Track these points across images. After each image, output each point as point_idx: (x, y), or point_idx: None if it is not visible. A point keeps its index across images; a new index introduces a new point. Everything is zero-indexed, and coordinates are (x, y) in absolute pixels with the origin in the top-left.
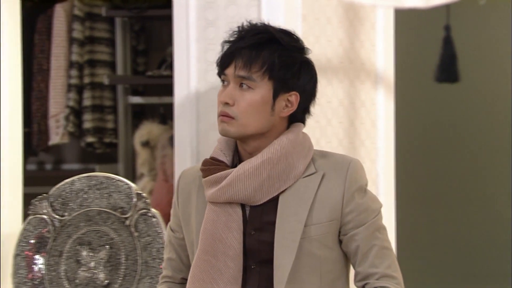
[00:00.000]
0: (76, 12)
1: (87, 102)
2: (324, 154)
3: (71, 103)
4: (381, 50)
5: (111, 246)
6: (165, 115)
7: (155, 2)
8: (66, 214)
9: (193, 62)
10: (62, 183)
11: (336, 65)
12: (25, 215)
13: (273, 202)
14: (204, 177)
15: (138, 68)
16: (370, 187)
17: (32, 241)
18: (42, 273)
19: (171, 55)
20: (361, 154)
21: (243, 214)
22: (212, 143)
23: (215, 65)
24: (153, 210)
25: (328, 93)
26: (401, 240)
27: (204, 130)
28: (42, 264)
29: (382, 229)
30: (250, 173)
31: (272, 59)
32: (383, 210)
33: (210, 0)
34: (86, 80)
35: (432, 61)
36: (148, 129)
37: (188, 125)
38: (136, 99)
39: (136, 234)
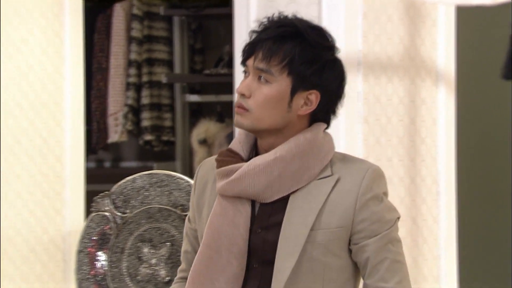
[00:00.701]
0: (135, 11)
1: (145, 100)
2: (344, 158)
3: (130, 102)
4: (442, 48)
5: (172, 243)
6: (222, 113)
7: (213, 1)
8: (127, 211)
9: None
10: (124, 180)
11: (396, 63)
12: (87, 212)
13: (283, 202)
14: (218, 168)
15: (195, 67)
16: (430, 185)
17: (94, 238)
18: (104, 270)
19: (228, 54)
20: (422, 152)
21: (252, 211)
22: None
23: None
24: None
25: (388, 91)
26: (462, 239)
27: None
28: (104, 260)
29: (396, 241)
30: (261, 169)
31: (293, 53)
32: (442, 209)
33: None
34: (145, 78)
35: (495, 59)
36: (205, 127)
37: None
38: (194, 97)
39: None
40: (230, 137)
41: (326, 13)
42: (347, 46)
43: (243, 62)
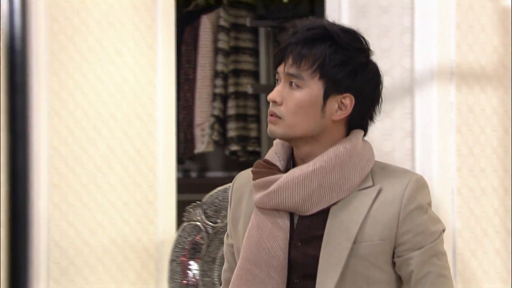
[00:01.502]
0: (222, 23)
1: (231, 111)
2: (385, 167)
3: (216, 112)
4: None
5: None
6: None
7: (299, 12)
8: (218, 221)
9: None
10: (215, 190)
11: (490, 72)
12: (178, 221)
13: (324, 214)
14: (254, 179)
15: None
16: None
17: (186, 247)
18: (196, 279)
19: None
20: None
21: (291, 223)
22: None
23: None
24: None
25: (481, 101)
26: None
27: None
28: (196, 269)
29: (441, 254)
30: (299, 181)
31: (323, 56)
32: None
33: (362, 9)
34: (231, 89)
35: None
36: None
37: None
38: None
39: None
40: None
41: (419, 23)
42: (440, 56)
43: (274, 71)
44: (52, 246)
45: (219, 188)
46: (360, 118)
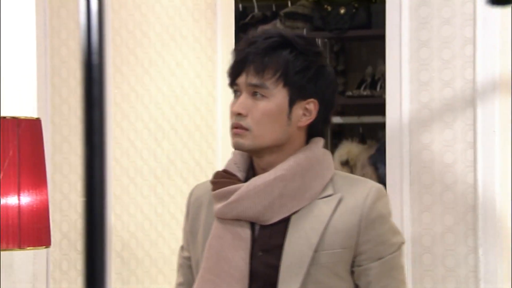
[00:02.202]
0: None
1: None
2: (346, 176)
3: None
4: None
5: None
6: (364, 134)
7: (355, 22)
8: None
9: (405, 82)
10: None
11: None
12: None
13: (284, 223)
14: (213, 190)
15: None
16: None
17: None
18: None
19: (371, 75)
20: None
21: (252, 233)
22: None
23: (428, 86)
24: None
25: None
26: None
27: (416, 150)
28: None
29: (400, 268)
30: (260, 190)
31: (285, 63)
32: None
33: (423, 20)
34: None
35: None
36: (347, 149)
37: (399, 145)
38: (336, 119)
39: None
40: (372, 158)
41: (481, 34)
42: (502, 67)
43: (232, 82)
44: (114, 257)
45: None
46: (321, 123)
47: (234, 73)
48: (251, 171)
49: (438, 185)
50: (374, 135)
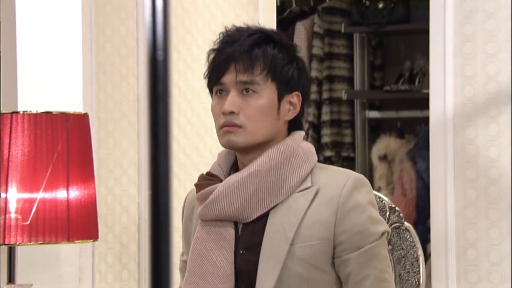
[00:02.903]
0: (316, 29)
1: (325, 117)
2: (326, 168)
3: (311, 118)
4: None
5: None
6: (403, 129)
7: (394, 17)
8: None
9: (450, 77)
10: None
11: None
12: None
13: (264, 219)
14: (197, 193)
15: (375, 83)
16: None
17: None
18: None
19: (409, 69)
20: None
21: (235, 232)
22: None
23: (472, 80)
24: (406, 223)
25: None
26: None
27: (460, 145)
28: None
29: (382, 257)
30: (235, 187)
31: (272, 58)
32: None
33: (468, 14)
34: (325, 95)
35: None
36: (385, 143)
37: (443, 140)
38: (374, 114)
39: (389, 247)
40: (411, 153)
41: None
42: None
43: (216, 82)
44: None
45: None
46: (301, 116)
47: (219, 72)
48: (233, 170)
49: (482, 180)
50: (412, 130)
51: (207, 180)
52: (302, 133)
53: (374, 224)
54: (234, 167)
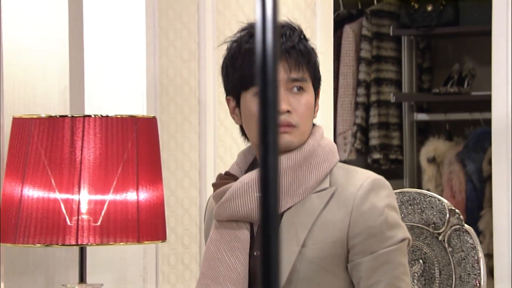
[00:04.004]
0: (364, 32)
1: (373, 119)
2: (346, 168)
3: (359, 121)
4: None
5: (424, 260)
6: (451, 131)
7: (443, 19)
8: None
9: None
10: None
11: None
12: None
13: (280, 220)
14: (214, 192)
15: (423, 85)
16: None
17: None
18: None
19: (457, 72)
20: None
21: (251, 233)
22: None
23: None
24: (466, 226)
25: None
26: None
27: None
28: None
29: (397, 264)
30: (249, 186)
31: (311, 53)
32: None
33: None
34: (373, 98)
35: None
36: (434, 146)
37: (505, 142)
38: (422, 116)
39: (449, 249)
40: (460, 155)
41: None
42: None
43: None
44: None
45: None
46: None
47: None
48: (251, 169)
49: None
50: (460, 132)
51: (223, 179)
52: (321, 130)
53: (391, 229)
54: (252, 167)
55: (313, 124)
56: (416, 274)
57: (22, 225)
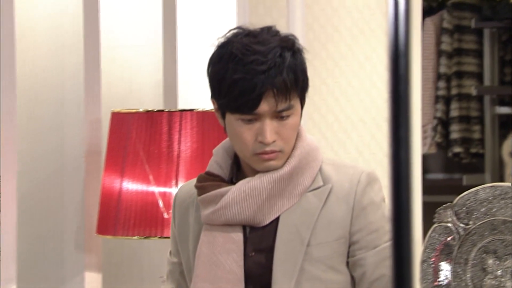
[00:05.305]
0: (445, 25)
1: (454, 113)
2: (334, 164)
3: (439, 114)
4: None
5: None
6: None
7: None
8: (470, 222)
9: None
10: (466, 192)
11: None
12: (424, 222)
13: (275, 221)
14: (199, 195)
15: (505, 78)
16: None
17: (437, 248)
18: (448, 280)
19: None
20: None
21: (243, 233)
22: None
23: None
24: None
25: None
26: None
27: None
28: (447, 271)
29: None
30: (247, 194)
31: (297, 74)
32: None
33: None
34: (454, 91)
35: None
36: None
37: None
38: (504, 109)
39: None
40: None
41: None
42: None
43: (249, 113)
44: None
45: (470, 190)
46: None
47: (252, 104)
48: (234, 168)
49: None
50: None
51: (208, 181)
52: (303, 128)
53: (388, 222)
54: (234, 167)
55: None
56: (509, 268)
57: (121, 218)
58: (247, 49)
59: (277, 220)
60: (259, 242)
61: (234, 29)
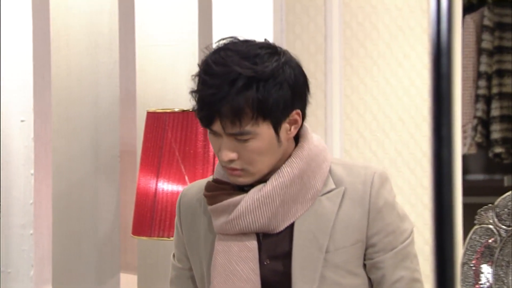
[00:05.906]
0: (486, 22)
1: (495, 112)
2: (344, 164)
3: (479, 114)
4: None
5: None
6: None
7: None
8: None
9: None
10: (508, 194)
11: None
12: (464, 224)
13: (290, 227)
14: (210, 204)
15: None
16: None
17: (478, 250)
18: (490, 283)
19: None
20: None
21: (258, 241)
22: None
23: None
24: None
25: None
26: None
27: None
28: (489, 273)
29: (413, 257)
30: (260, 202)
31: (258, 102)
32: None
33: None
34: (494, 90)
35: None
36: None
37: None
38: None
39: None
40: None
41: None
42: None
43: (207, 127)
44: None
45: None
46: (304, 118)
47: (206, 121)
48: None
49: None
50: None
51: (218, 190)
52: (308, 128)
53: (403, 222)
54: None
55: (302, 125)
56: None
57: (157, 219)
58: (206, 69)
59: (291, 226)
60: (274, 249)
61: (225, 38)
